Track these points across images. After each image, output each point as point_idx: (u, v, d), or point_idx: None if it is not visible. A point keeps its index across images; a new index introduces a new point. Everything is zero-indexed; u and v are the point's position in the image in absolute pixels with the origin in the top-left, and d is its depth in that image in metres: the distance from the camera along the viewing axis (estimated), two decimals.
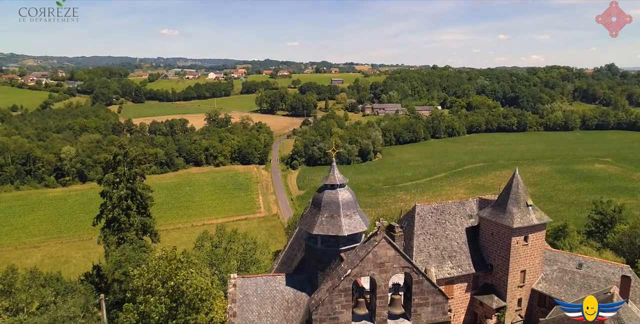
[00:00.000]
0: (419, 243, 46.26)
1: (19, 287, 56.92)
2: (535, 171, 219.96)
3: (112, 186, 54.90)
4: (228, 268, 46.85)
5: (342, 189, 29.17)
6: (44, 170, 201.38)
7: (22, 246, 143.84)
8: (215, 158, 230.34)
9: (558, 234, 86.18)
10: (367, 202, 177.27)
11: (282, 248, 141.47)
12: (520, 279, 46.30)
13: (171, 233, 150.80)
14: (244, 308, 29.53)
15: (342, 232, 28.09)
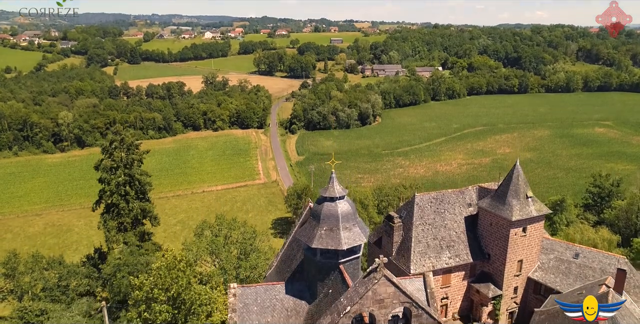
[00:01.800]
0: (418, 233, 46.48)
1: (22, 270, 57.76)
2: (535, 135, 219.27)
3: (109, 173, 54.56)
4: (228, 257, 47.31)
5: (341, 201, 28.83)
6: (41, 135, 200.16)
7: (24, 214, 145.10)
8: (213, 123, 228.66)
9: (555, 208, 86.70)
10: (366, 169, 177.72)
11: (281, 215, 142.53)
12: (517, 268, 46.90)
13: (171, 200, 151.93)
14: (244, 317, 29.90)
15: (342, 247, 28.02)
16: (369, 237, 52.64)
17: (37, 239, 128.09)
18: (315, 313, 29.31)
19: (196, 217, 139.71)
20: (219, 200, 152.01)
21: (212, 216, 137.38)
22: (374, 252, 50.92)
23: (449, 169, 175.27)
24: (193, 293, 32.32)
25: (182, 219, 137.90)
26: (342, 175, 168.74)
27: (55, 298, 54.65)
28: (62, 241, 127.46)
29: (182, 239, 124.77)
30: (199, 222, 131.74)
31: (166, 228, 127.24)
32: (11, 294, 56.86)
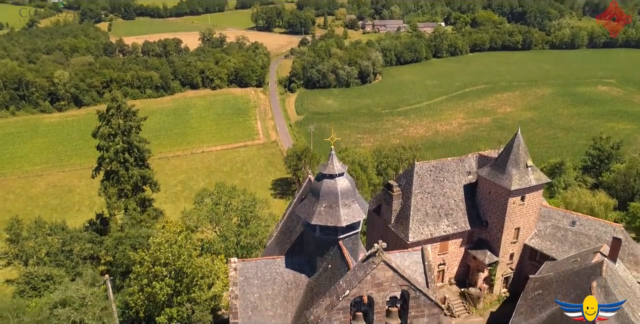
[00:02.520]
0: (417, 201, 46.71)
1: (26, 235, 58.60)
2: (537, 93, 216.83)
3: (107, 140, 54.17)
4: (229, 224, 47.82)
5: (340, 178, 28.69)
6: (38, 95, 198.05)
7: (25, 175, 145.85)
8: (211, 81, 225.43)
9: (554, 171, 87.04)
10: (366, 128, 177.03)
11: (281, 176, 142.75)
12: (514, 235, 47.50)
13: (171, 161, 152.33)
14: (245, 290, 30.48)
15: (341, 223, 28.17)
16: (369, 204, 53.00)
17: (39, 200, 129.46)
18: (315, 286, 29.92)
19: (196, 178, 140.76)
20: (219, 160, 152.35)
21: (212, 177, 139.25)
22: (373, 219, 51.49)
23: (449, 128, 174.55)
24: (194, 267, 32.86)
25: (182, 180, 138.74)
26: (342, 135, 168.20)
27: (60, 262, 55.80)
28: (64, 202, 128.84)
29: (183, 199, 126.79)
30: (200, 184, 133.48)
31: (167, 189, 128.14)
32: (16, 259, 58.00)
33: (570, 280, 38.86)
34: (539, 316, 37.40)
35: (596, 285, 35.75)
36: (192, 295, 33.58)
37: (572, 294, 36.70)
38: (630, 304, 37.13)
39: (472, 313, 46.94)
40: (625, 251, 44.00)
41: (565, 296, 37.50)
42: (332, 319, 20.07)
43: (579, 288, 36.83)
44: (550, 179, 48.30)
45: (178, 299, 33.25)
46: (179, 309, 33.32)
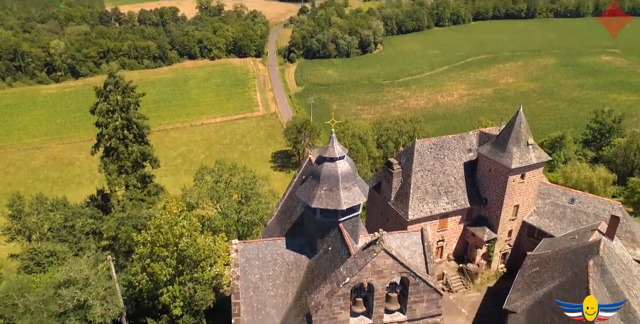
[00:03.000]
0: (417, 179, 46.77)
1: (28, 211, 58.97)
2: (540, 63, 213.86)
3: (106, 116, 53.71)
4: (229, 202, 48.03)
5: (341, 161, 28.54)
6: (34, 65, 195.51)
7: (24, 147, 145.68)
8: (210, 51, 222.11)
9: (554, 145, 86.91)
10: (366, 100, 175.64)
11: (281, 148, 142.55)
12: (512, 213, 47.82)
13: (170, 133, 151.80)
14: (246, 271, 30.86)
15: (341, 207, 28.22)
16: (369, 181, 53.19)
17: (39, 173, 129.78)
18: (316, 268, 30.27)
19: (196, 150, 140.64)
20: (218, 133, 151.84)
21: (212, 150, 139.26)
22: (373, 196, 51.68)
23: (450, 100, 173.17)
24: (195, 248, 33.15)
25: (182, 153, 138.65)
26: (342, 107, 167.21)
27: (63, 238, 56.36)
28: (64, 175, 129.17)
29: (183, 172, 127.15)
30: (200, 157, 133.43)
31: (167, 161, 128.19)
32: (19, 235, 58.57)
33: (568, 258, 39.34)
34: (535, 294, 38.05)
35: (593, 264, 36.25)
36: (194, 275, 34.03)
37: (569, 273, 37.25)
38: (625, 282, 37.75)
39: (470, 288, 47.77)
40: (623, 228, 44.35)
41: (561, 274, 38.07)
42: (332, 305, 20.38)
43: (576, 266, 37.33)
44: (550, 157, 48.15)
45: (180, 279, 33.73)
46: (181, 288, 33.85)
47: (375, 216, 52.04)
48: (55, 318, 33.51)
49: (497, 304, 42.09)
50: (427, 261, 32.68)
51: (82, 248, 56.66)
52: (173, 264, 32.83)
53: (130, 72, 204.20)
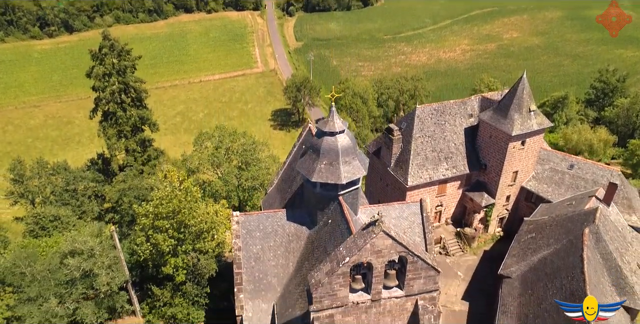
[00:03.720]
0: (417, 145, 46.69)
1: (30, 175, 59.28)
2: (546, 17, 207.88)
3: (102, 80, 52.78)
4: (230, 168, 48.11)
5: (341, 135, 28.37)
6: (26, 20, 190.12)
7: (22, 105, 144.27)
8: (206, 4, 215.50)
9: (557, 105, 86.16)
10: (367, 56, 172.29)
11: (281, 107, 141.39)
12: (511, 178, 48.10)
13: (168, 91, 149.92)
14: (248, 243, 31.46)
15: (341, 181, 28.36)
16: (368, 147, 53.12)
17: (39, 132, 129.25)
18: (316, 239, 30.84)
19: (195, 108, 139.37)
20: (217, 90, 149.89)
21: (211, 108, 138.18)
22: (373, 162, 51.78)
23: (453, 56, 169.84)
24: (196, 220, 33.58)
25: (181, 111, 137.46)
26: (342, 63, 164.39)
27: (65, 201, 56.99)
28: (64, 134, 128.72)
29: (183, 131, 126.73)
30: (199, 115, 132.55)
31: (166, 120, 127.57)
32: (23, 198, 59.14)
33: (564, 225, 39.96)
34: (530, 259, 38.93)
35: (588, 232, 36.88)
36: (196, 246, 34.70)
37: (564, 240, 37.95)
38: (619, 249, 38.61)
39: (467, 251, 48.85)
40: (620, 194, 44.76)
41: (557, 240, 38.81)
42: (332, 283, 20.91)
43: (572, 233, 37.97)
44: (551, 124, 47.83)
45: (183, 248, 34.42)
46: (184, 258, 34.61)
47: (375, 181, 52.37)
48: (62, 286, 34.49)
49: (492, 267, 43.24)
50: (425, 232, 33.29)
51: (85, 211, 57.45)
52: (175, 235, 33.40)
53: (125, 26, 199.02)
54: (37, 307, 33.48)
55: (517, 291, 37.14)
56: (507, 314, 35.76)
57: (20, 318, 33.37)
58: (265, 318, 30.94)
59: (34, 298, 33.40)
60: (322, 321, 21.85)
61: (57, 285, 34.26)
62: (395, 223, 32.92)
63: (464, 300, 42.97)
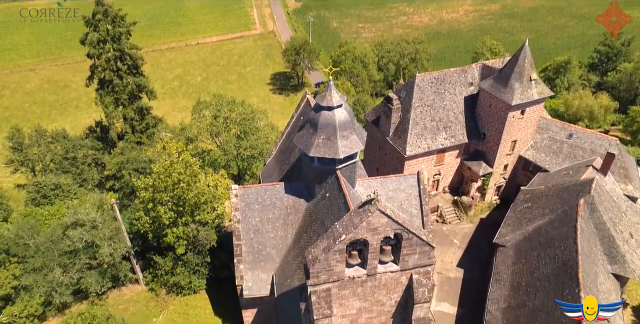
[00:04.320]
0: (416, 115, 46.48)
1: (28, 143, 59.34)
2: None
3: (97, 47, 51.80)
4: (228, 137, 48.00)
5: (339, 109, 28.21)
6: None
7: (17, 69, 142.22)
8: None
9: (559, 70, 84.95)
10: (368, 17, 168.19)
11: (280, 70, 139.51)
12: (510, 148, 48.18)
13: (165, 54, 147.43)
14: (247, 215, 31.93)
15: (339, 155, 28.47)
16: (367, 115, 52.86)
17: (36, 96, 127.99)
18: (313, 212, 31.27)
19: (193, 72, 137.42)
20: (215, 53, 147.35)
21: (209, 71, 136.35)
22: (372, 131, 51.72)
23: (455, 17, 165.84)
24: (195, 193, 33.87)
25: (179, 74, 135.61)
26: (342, 25, 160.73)
27: (66, 169, 57.26)
28: (61, 98, 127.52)
29: (181, 95, 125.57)
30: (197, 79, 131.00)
31: (164, 84, 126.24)
32: (23, 166, 59.41)
33: (559, 195, 40.41)
34: (525, 229, 39.62)
35: (583, 202, 37.38)
36: (196, 218, 35.17)
37: (559, 210, 38.50)
38: (612, 219, 39.19)
39: (463, 219, 49.55)
40: (617, 164, 44.98)
41: (552, 210, 39.36)
42: (329, 259, 21.40)
43: (567, 203, 38.47)
44: (552, 93, 47.37)
45: (182, 220, 34.90)
46: (185, 229, 35.16)
47: (373, 150, 52.46)
48: (66, 256, 35.23)
49: (488, 235, 44.09)
50: (422, 203, 33.71)
51: (86, 179, 57.79)
52: (175, 208, 33.79)
53: None
54: (43, 277, 34.37)
55: (511, 259, 38.00)
56: (500, 282, 36.75)
57: (27, 288, 34.33)
58: (264, 287, 31.85)
59: (38, 268, 34.23)
60: (319, 294, 22.50)
61: (60, 255, 34.99)
62: (392, 195, 33.33)
63: (459, 267, 44.01)
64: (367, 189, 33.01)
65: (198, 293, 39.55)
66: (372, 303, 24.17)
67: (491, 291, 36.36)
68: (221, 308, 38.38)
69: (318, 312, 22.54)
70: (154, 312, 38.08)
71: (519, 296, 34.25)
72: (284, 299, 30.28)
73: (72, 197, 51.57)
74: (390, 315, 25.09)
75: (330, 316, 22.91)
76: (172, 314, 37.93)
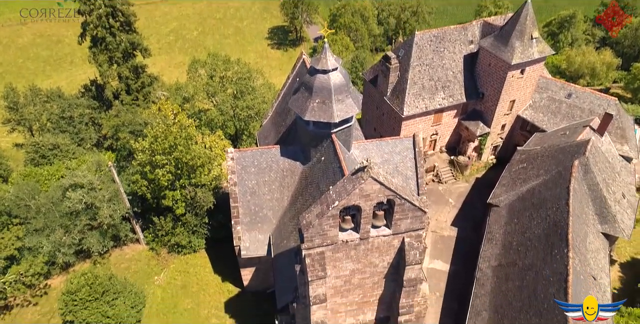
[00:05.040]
0: (414, 74, 45.86)
1: (24, 102, 58.93)
2: None
3: (88, 3, 50.19)
4: (225, 97, 47.50)
5: (334, 72, 27.82)
6: None
7: (8, 23, 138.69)
8: None
9: (563, 24, 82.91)
10: None
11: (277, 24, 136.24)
12: (508, 107, 47.92)
13: (160, 7, 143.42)
14: (243, 178, 32.24)
15: (334, 119, 28.39)
16: (365, 74, 52.15)
17: (29, 52, 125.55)
18: (309, 175, 31.56)
19: (189, 26, 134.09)
20: (211, 6, 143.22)
21: (205, 25, 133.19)
22: (370, 90, 51.23)
23: None
24: (192, 156, 33.95)
25: (174, 29, 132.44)
26: None
27: (63, 128, 57.18)
28: (55, 53, 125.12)
29: (177, 50, 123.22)
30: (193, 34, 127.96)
31: (159, 38, 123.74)
32: (20, 125, 59.25)
33: (555, 156, 40.61)
34: (519, 189, 40.10)
35: (577, 164, 37.63)
36: (193, 180, 35.50)
37: (554, 171, 38.82)
38: (606, 179, 39.59)
39: (459, 179, 50.05)
40: (615, 124, 44.92)
41: (547, 171, 39.68)
42: (322, 224, 21.84)
43: (561, 164, 38.73)
44: (553, 52, 46.47)
45: (180, 182, 35.25)
46: (182, 191, 35.58)
47: (371, 109, 52.15)
48: (67, 218, 35.88)
49: (482, 194, 44.64)
50: (417, 166, 33.99)
51: (84, 139, 57.86)
52: (172, 170, 34.05)
53: None
54: (45, 237, 35.18)
55: (504, 219, 38.73)
56: (492, 241, 37.63)
57: (31, 248, 35.22)
58: (261, 248, 32.71)
59: (40, 229, 34.98)
60: (313, 257, 23.14)
61: (61, 217, 35.64)
62: (388, 158, 33.55)
63: (453, 226, 44.90)
64: (362, 152, 33.22)
65: (198, 252, 40.66)
66: (365, 264, 24.89)
67: (483, 249, 37.30)
68: (220, 267, 39.59)
69: (312, 274, 23.27)
70: (155, 270, 39.31)
71: (509, 255, 35.20)
72: (280, 259, 31.16)
73: (71, 157, 51.84)
74: (383, 276, 25.89)
75: (324, 278, 23.66)
76: (172, 272, 39.16)
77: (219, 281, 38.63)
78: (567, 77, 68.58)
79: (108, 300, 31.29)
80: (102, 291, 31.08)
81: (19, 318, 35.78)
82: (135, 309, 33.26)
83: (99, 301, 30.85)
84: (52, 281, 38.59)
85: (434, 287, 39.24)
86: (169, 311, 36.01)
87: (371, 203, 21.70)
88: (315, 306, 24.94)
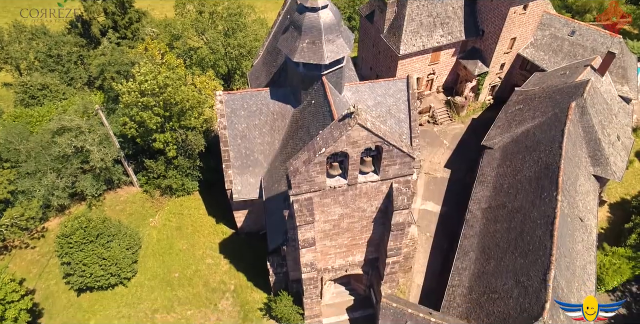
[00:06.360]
0: (412, 10, 43.85)
1: (8, 40, 56.99)
2: None
3: None
4: (214, 35, 45.56)
5: (324, 10, 26.37)
6: None
7: None
8: None
9: None
10: None
11: None
12: (508, 45, 46.33)
13: None
14: (233, 121, 31.68)
15: (324, 61, 27.35)
16: (361, 9, 49.86)
17: None
18: (300, 119, 30.99)
19: None
20: None
21: None
22: (366, 27, 49.27)
23: None
24: (181, 97, 33.06)
25: None
26: None
27: (51, 67, 55.66)
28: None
29: None
30: None
31: None
32: (7, 64, 57.64)
33: (552, 97, 39.77)
34: (513, 131, 39.67)
35: (574, 105, 36.94)
36: (182, 123, 34.90)
37: (550, 113, 38.19)
38: (602, 121, 39.05)
39: (455, 120, 49.44)
40: (617, 64, 43.61)
41: (543, 113, 39.05)
42: (310, 171, 21.69)
43: (558, 106, 38.05)
44: None
45: (170, 125, 34.68)
46: (172, 134, 35.10)
47: (367, 47, 50.47)
48: (58, 161, 35.70)
49: (478, 136, 44.24)
50: (410, 108, 33.35)
51: (74, 78, 56.51)
52: (161, 112, 33.36)
53: None
54: (38, 181, 35.19)
55: (497, 162, 38.64)
56: (484, 184, 37.77)
57: (24, 192, 35.37)
58: (253, 191, 32.86)
59: (32, 173, 34.92)
60: (301, 202, 23.24)
61: (52, 160, 35.46)
62: (380, 101, 32.84)
63: (446, 168, 44.95)
64: (355, 95, 32.45)
65: (192, 195, 40.99)
66: (354, 209, 25.07)
67: (474, 191, 37.53)
68: (214, 209, 40.09)
69: (300, 219, 23.48)
70: (150, 212, 39.83)
71: (500, 197, 35.48)
72: (271, 202, 31.40)
73: (61, 97, 50.87)
74: (371, 220, 26.19)
75: (312, 222, 23.91)
76: (167, 214, 39.69)
77: (213, 223, 39.28)
78: (574, 12, 65.71)
79: (103, 243, 31.93)
80: (96, 234, 31.63)
81: (18, 258, 36.77)
82: (131, 250, 34.03)
83: (94, 243, 31.47)
84: (49, 223, 39.24)
85: (425, 228, 39.99)
86: (164, 252, 36.92)
87: (359, 150, 21.41)
88: (304, 250, 25.46)
